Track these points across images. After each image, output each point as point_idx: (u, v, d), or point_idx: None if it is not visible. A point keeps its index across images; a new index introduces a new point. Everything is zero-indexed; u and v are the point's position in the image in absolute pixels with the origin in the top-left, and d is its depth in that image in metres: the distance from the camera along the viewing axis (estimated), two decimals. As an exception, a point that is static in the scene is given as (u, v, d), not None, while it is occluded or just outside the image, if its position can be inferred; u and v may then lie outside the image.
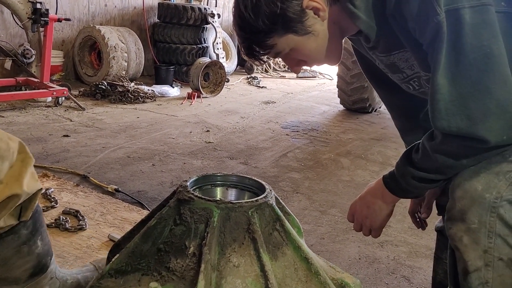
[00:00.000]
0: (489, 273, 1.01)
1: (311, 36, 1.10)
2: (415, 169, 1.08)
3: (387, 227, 2.26)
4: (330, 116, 4.82)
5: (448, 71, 0.93)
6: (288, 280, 0.98)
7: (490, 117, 0.93)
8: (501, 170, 0.98)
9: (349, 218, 1.32)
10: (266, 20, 1.06)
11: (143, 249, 1.02)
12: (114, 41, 5.35)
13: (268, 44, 1.10)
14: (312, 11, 1.07)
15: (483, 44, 0.91)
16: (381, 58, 1.19)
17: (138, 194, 2.51)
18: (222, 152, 3.38)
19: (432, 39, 0.94)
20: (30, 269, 1.23)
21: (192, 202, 1.01)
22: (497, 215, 0.98)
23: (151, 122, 4.10)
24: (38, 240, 1.25)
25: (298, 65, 1.21)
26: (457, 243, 1.04)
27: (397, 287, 1.79)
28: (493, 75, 0.92)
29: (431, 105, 0.97)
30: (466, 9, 0.91)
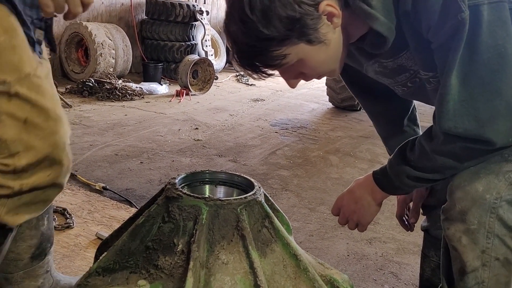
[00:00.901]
0: (485, 273, 1.02)
1: (323, 46, 0.97)
2: (411, 168, 1.05)
3: (375, 224, 2.28)
4: (319, 114, 4.84)
5: (461, 71, 0.90)
6: (277, 277, 0.98)
7: (499, 119, 0.91)
8: (501, 170, 0.98)
9: (334, 212, 1.29)
10: (281, 25, 0.90)
11: (131, 247, 1.02)
12: (101, 38, 5.30)
13: (277, 54, 0.94)
14: (326, 17, 0.94)
15: (497, 43, 0.89)
16: (385, 64, 1.12)
17: (126, 192, 2.49)
18: (211, 150, 3.37)
19: (450, 38, 0.90)
20: (33, 247, 1.25)
21: (180, 200, 1.00)
22: (496, 215, 0.98)
23: (139, 120, 4.08)
24: (45, 218, 1.27)
25: (296, 78, 1.07)
26: (455, 244, 1.04)
27: (385, 283, 1.81)
28: (505, 76, 0.90)
29: (440, 105, 0.94)
30: (485, 5, 0.88)
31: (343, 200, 1.26)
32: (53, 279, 1.38)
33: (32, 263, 1.29)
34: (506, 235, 0.99)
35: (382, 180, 1.13)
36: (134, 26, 6.26)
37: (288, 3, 0.89)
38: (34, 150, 0.96)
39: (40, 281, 1.33)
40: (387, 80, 1.19)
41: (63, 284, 1.39)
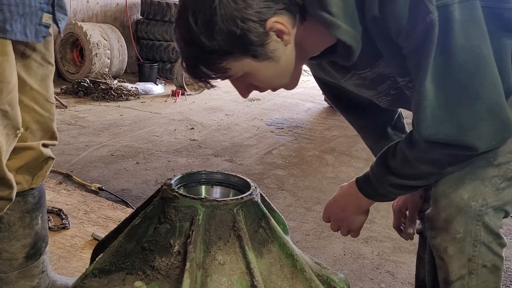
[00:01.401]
0: (472, 281, 1.00)
1: (270, 62, 0.93)
2: (394, 177, 1.02)
3: (371, 223, 2.29)
4: (314, 113, 4.84)
5: (436, 75, 0.85)
6: (274, 277, 0.98)
7: (480, 124, 0.87)
8: (487, 176, 0.95)
9: (325, 220, 1.27)
10: (222, 40, 0.87)
11: (127, 248, 1.01)
12: (96, 38, 5.29)
13: (220, 67, 0.92)
14: (275, 33, 0.90)
15: (473, 44, 0.84)
16: (364, 75, 1.06)
17: (122, 193, 2.49)
18: (207, 150, 3.37)
19: (421, 41, 0.85)
20: (27, 246, 1.27)
21: (176, 200, 1.00)
22: (482, 223, 0.95)
23: (134, 120, 4.07)
24: (39, 217, 1.30)
25: (247, 89, 1.04)
26: (441, 254, 1.02)
27: (381, 282, 1.81)
28: (483, 78, 0.86)
29: (417, 112, 0.89)
30: (456, 5, 0.83)
31: (330, 209, 1.23)
32: (49, 279, 1.38)
33: (27, 263, 1.30)
34: (493, 242, 0.97)
35: (367, 188, 1.09)
36: (130, 26, 6.25)
37: (231, 18, 0.85)
38: None
39: (35, 281, 1.33)
40: (369, 93, 1.13)
41: (59, 285, 1.40)
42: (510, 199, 0.97)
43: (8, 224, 1.26)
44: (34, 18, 1.08)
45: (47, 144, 1.29)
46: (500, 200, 0.96)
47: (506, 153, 0.95)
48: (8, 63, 1.06)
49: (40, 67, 1.22)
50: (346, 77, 1.09)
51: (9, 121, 1.10)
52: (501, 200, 0.96)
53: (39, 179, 1.29)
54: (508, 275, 1.90)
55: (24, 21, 1.06)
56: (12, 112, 1.10)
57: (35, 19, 1.08)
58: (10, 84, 1.07)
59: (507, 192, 0.97)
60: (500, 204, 0.96)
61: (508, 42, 0.91)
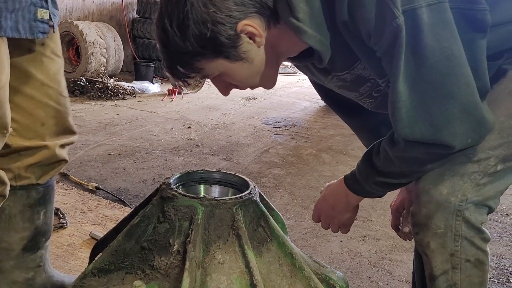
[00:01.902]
0: (456, 275, 1.02)
1: (244, 63, 0.97)
2: (378, 174, 1.04)
3: (368, 221, 2.30)
4: (311, 112, 4.85)
5: (408, 76, 0.88)
6: (273, 276, 0.99)
7: (455, 122, 0.89)
8: (466, 172, 0.97)
9: (315, 219, 1.28)
10: (194, 42, 0.91)
11: (127, 247, 1.01)
12: (92, 37, 5.27)
13: (194, 67, 0.97)
14: (247, 35, 0.94)
15: (443, 45, 0.86)
16: (343, 77, 1.08)
17: (119, 192, 2.48)
18: (204, 149, 3.37)
19: (390, 45, 0.87)
20: (25, 239, 1.28)
21: (175, 200, 1.00)
22: (462, 218, 0.97)
23: (131, 119, 4.06)
24: (42, 213, 1.31)
25: (227, 88, 1.07)
26: (424, 249, 1.03)
27: (379, 280, 1.82)
28: (455, 78, 0.88)
29: (393, 113, 0.92)
30: (424, 8, 0.85)
31: (320, 207, 1.25)
32: (46, 274, 1.38)
33: (24, 255, 1.30)
34: (475, 237, 0.99)
35: (354, 185, 1.11)
36: (126, 25, 6.23)
37: (202, 21, 0.89)
38: None
39: (30, 274, 1.34)
40: (352, 94, 1.16)
41: (55, 281, 1.39)
42: (492, 194, 0.99)
43: (9, 215, 1.27)
44: (26, 14, 1.07)
45: (64, 144, 1.32)
46: (481, 196, 0.98)
47: (486, 150, 0.97)
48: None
49: (50, 62, 1.23)
50: (327, 79, 1.12)
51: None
52: (482, 196, 0.98)
53: (47, 176, 1.30)
54: (504, 273, 1.91)
55: (15, 17, 1.05)
56: (1, 111, 1.09)
57: (28, 14, 1.07)
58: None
59: (489, 188, 0.98)
60: (481, 200, 0.98)
61: (482, 42, 0.93)
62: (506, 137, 0.97)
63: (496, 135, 0.97)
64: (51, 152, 1.26)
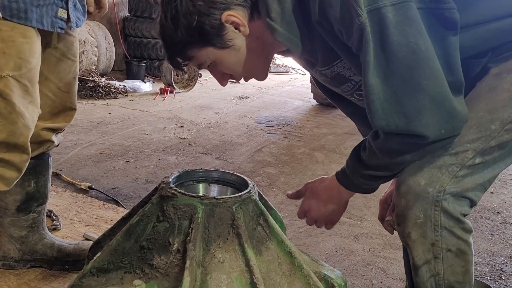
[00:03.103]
0: (439, 265, 1.05)
1: (232, 50, 1.08)
2: (364, 168, 1.08)
3: (362, 220, 2.31)
4: (303, 111, 4.86)
5: (379, 71, 0.93)
6: (273, 275, 0.99)
7: (426, 113, 0.93)
8: (444, 164, 1.01)
9: (301, 216, 1.31)
10: (184, 31, 1.04)
11: (126, 246, 1.01)
12: (83, 35, 5.23)
13: (187, 55, 1.09)
14: (232, 25, 1.05)
15: (409, 41, 0.91)
16: (324, 73, 1.15)
17: (113, 191, 2.47)
18: (197, 148, 3.37)
19: (359, 41, 0.93)
20: (18, 202, 1.52)
21: (175, 199, 1.00)
22: (440, 208, 1.00)
23: (123, 118, 4.04)
24: (32, 181, 1.53)
25: (223, 78, 1.19)
26: (406, 239, 1.07)
27: (373, 278, 1.83)
28: (423, 71, 0.92)
29: (368, 106, 0.97)
30: (388, 7, 0.90)
31: (311, 205, 1.27)
32: (39, 234, 1.61)
33: (18, 214, 1.54)
34: (455, 227, 1.02)
35: (344, 180, 1.15)
36: (117, 24, 6.19)
37: (189, 13, 1.02)
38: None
39: (24, 233, 1.58)
40: (336, 89, 1.21)
41: (46, 242, 1.61)
42: (471, 186, 1.02)
43: None
44: (50, 10, 1.28)
45: (51, 128, 1.49)
46: (459, 187, 1.01)
47: (464, 143, 1.01)
48: (28, 45, 1.24)
49: (59, 62, 1.44)
50: (313, 71, 1.19)
51: (31, 97, 1.28)
52: (461, 187, 1.01)
53: (35, 152, 1.47)
54: (496, 270, 1.94)
55: (40, 12, 1.25)
56: (33, 89, 1.28)
57: (51, 11, 1.29)
58: (29, 63, 1.25)
59: (468, 180, 1.01)
60: (459, 191, 1.01)
61: (453, 38, 0.97)
62: (484, 131, 1.01)
63: (474, 129, 1.01)
64: (36, 130, 1.40)
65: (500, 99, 1.00)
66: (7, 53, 1.21)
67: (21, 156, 1.31)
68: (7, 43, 1.21)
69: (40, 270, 1.61)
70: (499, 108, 1.00)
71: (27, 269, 1.60)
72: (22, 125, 1.26)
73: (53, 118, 1.50)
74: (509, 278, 1.88)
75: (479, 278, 1.87)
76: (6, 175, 1.30)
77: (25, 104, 1.27)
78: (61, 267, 1.61)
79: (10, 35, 1.21)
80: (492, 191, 2.77)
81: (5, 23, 1.19)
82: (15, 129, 1.25)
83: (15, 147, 1.28)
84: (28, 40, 1.24)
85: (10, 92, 1.22)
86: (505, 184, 2.90)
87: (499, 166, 1.04)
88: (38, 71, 1.30)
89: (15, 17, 1.20)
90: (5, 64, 1.20)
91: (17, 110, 1.24)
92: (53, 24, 1.30)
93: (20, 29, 1.22)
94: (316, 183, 1.27)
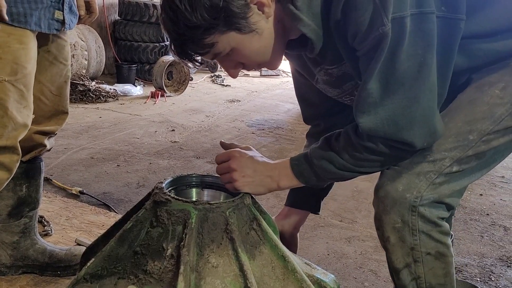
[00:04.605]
0: (419, 268, 1.07)
1: (255, 35, 0.99)
2: (336, 155, 1.05)
3: (353, 223, 2.33)
4: (294, 114, 4.87)
5: (383, 77, 0.94)
6: (266, 279, 1.00)
7: (415, 125, 0.97)
8: (422, 171, 1.03)
9: (220, 158, 1.15)
10: (206, 14, 0.92)
11: (119, 252, 1.01)
12: (73, 39, 5.20)
13: (207, 42, 0.97)
14: (256, 6, 0.97)
15: (417, 52, 0.93)
16: (331, 71, 1.12)
17: (104, 196, 2.46)
18: (188, 152, 3.36)
19: (372, 48, 0.93)
20: (9, 206, 1.52)
21: (169, 204, 1.00)
22: (417, 213, 1.03)
23: (114, 122, 4.02)
24: (24, 186, 1.53)
25: (235, 68, 1.09)
26: (385, 243, 1.08)
27: (365, 281, 1.85)
28: (423, 84, 0.95)
29: (361, 106, 0.97)
30: (409, 17, 0.91)
31: (240, 159, 1.13)
32: (30, 240, 1.60)
33: (9, 219, 1.54)
34: (432, 230, 1.04)
35: (300, 167, 1.10)
36: (107, 27, 6.17)
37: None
38: None
39: (15, 238, 1.57)
40: (335, 91, 1.19)
41: (38, 247, 1.61)
42: (448, 193, 1.04)
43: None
44: (47, 13, 1.31)
45: (44, 131, 1.51)
46: (436, 194, 1.03)
47: (442, 151, 1.03)
48: (24, 51, 1.26)
49: (51, 66, 1.46)
50: (316, 70, 1.16)
51: (26, 102, 1.30)
52: (438, 194, 1.03)
53: (27, 156, 1.50)
54: (486, 271, 1.96)
55: (38, 15, 1.28)
56: (28, 94, 1.30)
57: (48, 14, 1.32)
58: (25, 68, 1.27)
59: (445, 187, 1.04)
60: (436, 197, 1.03)
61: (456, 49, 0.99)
62: (462, 141, 1.03)
63: (453, 139, 1.03)
64: (28, 134, 1.41)
65: (479, 111, 1.03)
66: (3, 58, 1.23)
67: (11, 156, 1.31)
68: (3, 48, 1.22)
69: (31, 276, 1.60)
70: (478, 120, 1.03)
71: (19, 275, 1.60)
72: (12, 128, 1.28)
73: (46, 122, 1.52)
74: (498, 280, 1.90)
75: (469, 279, 1.89)
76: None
77: (20, 108, 1.28)
78: (53, 273, 1.60)
79: (6, 41, 1.22)
80: (481, 193, 2.80)
81: (3, 28, 1.21)
82: (4, 132, 1.27)
83: (4, 149, 1.29)
84: (24, 46, 1.26)
85: (4, 97, 1.24)
86: (493, 186, 2.94)
87: (475, 175, 1.07)
88: (33, 77, 1.33)
89: (15, 21, 1.23)
90: (1, 69, 1.23)
91: (9, 115, 1.26)
92: (49, 27, 1.33)
93: (17, 35, 1.24)
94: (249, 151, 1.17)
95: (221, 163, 1.15)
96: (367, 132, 0.99)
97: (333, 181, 1.22)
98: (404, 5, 0.90)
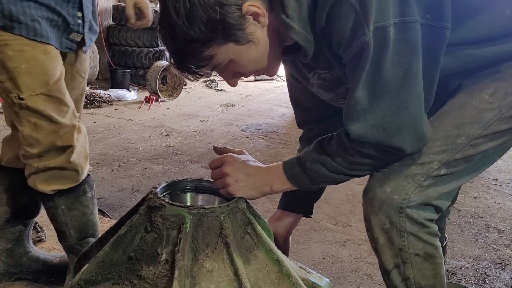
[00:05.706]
0: (408, 269, 1.08)
1: (252, 45, 1.01)
2: (329, 158, 1.07)
3: (348, 226, 2.33)
4: (289, 118, 4.88)
5: (369, 84, 0.96)
6: (261, 283, 1.00)
7: (404, 131, 0.99)
8: (410, 173, 1.04)
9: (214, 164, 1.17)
10: (204, 27, 0.94)
11: (114, 258, 1.01)
12: (67, 44, 5.18)
13: (206, 55, 0.99)
14: (251, 17, 0.98)
15: (403, 60, 0.94)
16: (323, 76, 1.14)
17: (98, 202, 2.44)
18: (183, 156, 3.36)
19: (356, 56, 0.95)
20: (8, 213, 1.55)
21: (163, 209, 1.00)
22: (405, 215, 1.04)
23: (108, 127, 4.01)
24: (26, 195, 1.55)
25: (234, 77, 1.11)
26: (375, 244, 1.10)
27: (360, 285, 1.85)
28: (409, 91, 0.97)
29: (350, 114, 0.99)
30: (391, 26, 0.92)
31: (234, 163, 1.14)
32: (24, 248, 1.61)
33: (6, 226, 1.56)
34: (420, 231, 1.05)
35: (293, 170, 1.12)
36: (101, 32, 6.16)
37: (209, 5, 0.93)
38: (40, 143, 1.35)
39: (9, 245, 1.58)
40: (329, 95, 1.21)
41: (31, 255, 1.61)
42: (436, 195, 1.06)
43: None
44: (65, 33, 1.38)
45: None
46: (424, 196, 1.04)
47: (430, 154, 1.05)
48: (50, 60, 1.33)
49: (72, 79, 1.50)
50: (309, 75, 1.17)
51: (66, 105, 1.37)
52: (425, 196, 1.05)
53: None
54: (480, 274, 1.97)
55: (57, 33, 1.35)
56: (65, 97, 1.37)
57: (65, 34, 1.38)
58: (54, 76, 1.33)
59: (432, 189, 1.05)
60: (424, 199, 1.05)
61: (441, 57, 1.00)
62: (450, 145, 1.04)
63: (441, 142, 1.05)
64: None
65: (469, 115, 1.04)
66: (32, 73, 1.30)
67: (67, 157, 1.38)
68: (31, 62, 1.29)
69: (25, 283, 1.60)
70: (467, 124, 1.04)
71: (12, 281, 1.59)
72: (63, 132, 1.36)
73: None
74: (493, 282, 1.91)
75: (464, 282, 1.90)
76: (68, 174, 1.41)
77: (61, 113, 1.36)
78: (47, 280, 1.59)
79: (33, 55, 1.29)
80: (475, 196, 2.82)
81: (28, 43, 1.28)
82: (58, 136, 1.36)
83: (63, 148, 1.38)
84: (49, 55, 1.33)
85: (44, 108, 1.32)
86: (487, 189, 2.95)
87: (464, 178, 1.09)
88: (63, 81, 1.38)
89: (38, 36, 1.30)
90: (32, 83, 1.30)
91: (55, 121, 1.34)
92: (61, 44, 1.38)
93: (41, 47, 1.31)
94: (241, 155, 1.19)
95: (215, 169, 1.17)
96: (357, 139, 1.01)
97: (326, 184, 1.24)
98: (386, 14, 0.92)
